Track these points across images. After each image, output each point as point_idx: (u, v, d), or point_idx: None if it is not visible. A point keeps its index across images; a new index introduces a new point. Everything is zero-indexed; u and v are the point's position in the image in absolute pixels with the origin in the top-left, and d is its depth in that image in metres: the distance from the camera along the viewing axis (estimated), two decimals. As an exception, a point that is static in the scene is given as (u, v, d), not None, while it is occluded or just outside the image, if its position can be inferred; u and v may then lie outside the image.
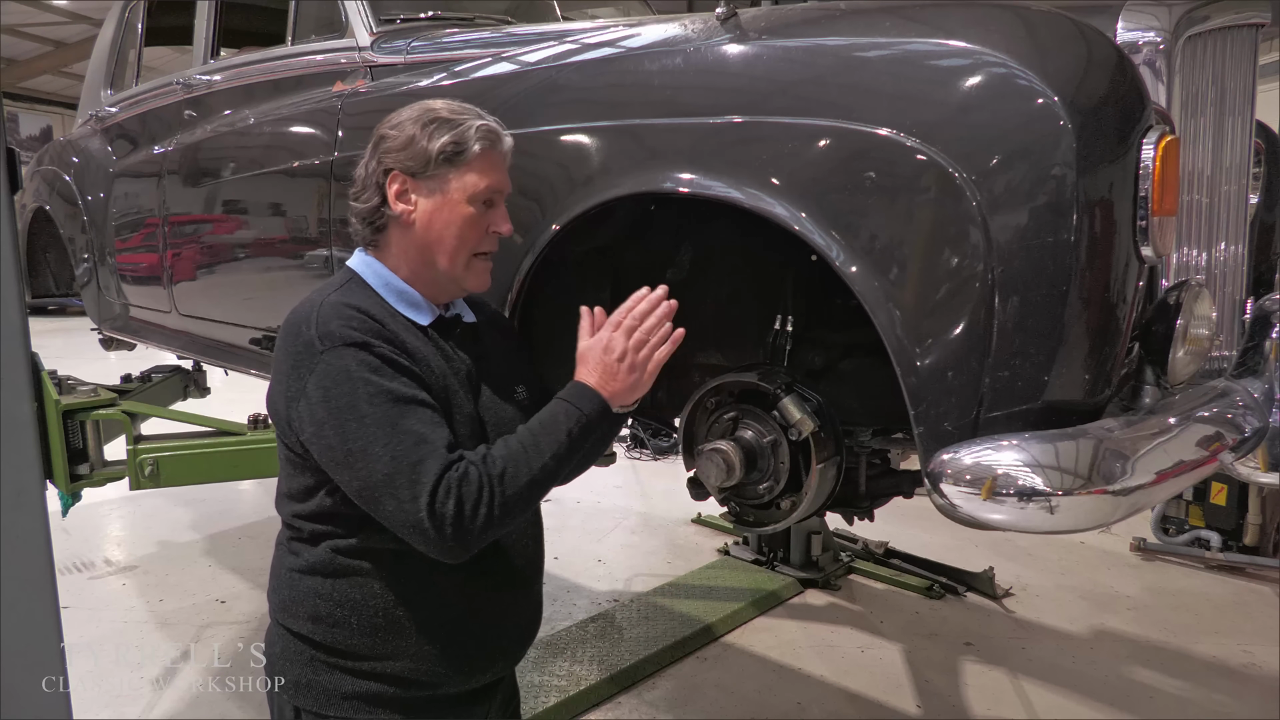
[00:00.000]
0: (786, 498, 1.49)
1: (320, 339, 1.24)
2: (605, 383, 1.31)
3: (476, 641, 1.39)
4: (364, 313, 1.28)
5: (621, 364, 1.31)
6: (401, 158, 1.34)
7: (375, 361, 1.23)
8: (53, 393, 2.65)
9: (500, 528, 1.23)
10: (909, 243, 1.23)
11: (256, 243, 2.65)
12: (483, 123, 1.35)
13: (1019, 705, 3.05)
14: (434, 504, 1.17)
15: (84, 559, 4.36)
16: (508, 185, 1.40)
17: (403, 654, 1.33)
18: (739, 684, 3.19)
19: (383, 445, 1.19)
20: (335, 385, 1.22)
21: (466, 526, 1.18)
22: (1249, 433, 1.34)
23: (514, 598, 1.45)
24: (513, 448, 1.25)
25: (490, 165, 1.36)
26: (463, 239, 1.35)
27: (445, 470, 1.18)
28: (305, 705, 1.36)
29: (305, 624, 1.34)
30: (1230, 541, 4.24)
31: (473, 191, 1.34)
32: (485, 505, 1.19)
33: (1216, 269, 1.61)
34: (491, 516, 1.19)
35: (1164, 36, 1.36)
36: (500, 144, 1.37)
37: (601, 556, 4.48)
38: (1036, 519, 1.09)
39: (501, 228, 1.38)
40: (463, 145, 1.33)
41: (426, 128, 1.33)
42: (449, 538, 1.18)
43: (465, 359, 1.39)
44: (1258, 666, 3.33)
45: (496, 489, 1.20)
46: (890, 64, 1.29)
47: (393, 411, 1.20)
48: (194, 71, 3.11)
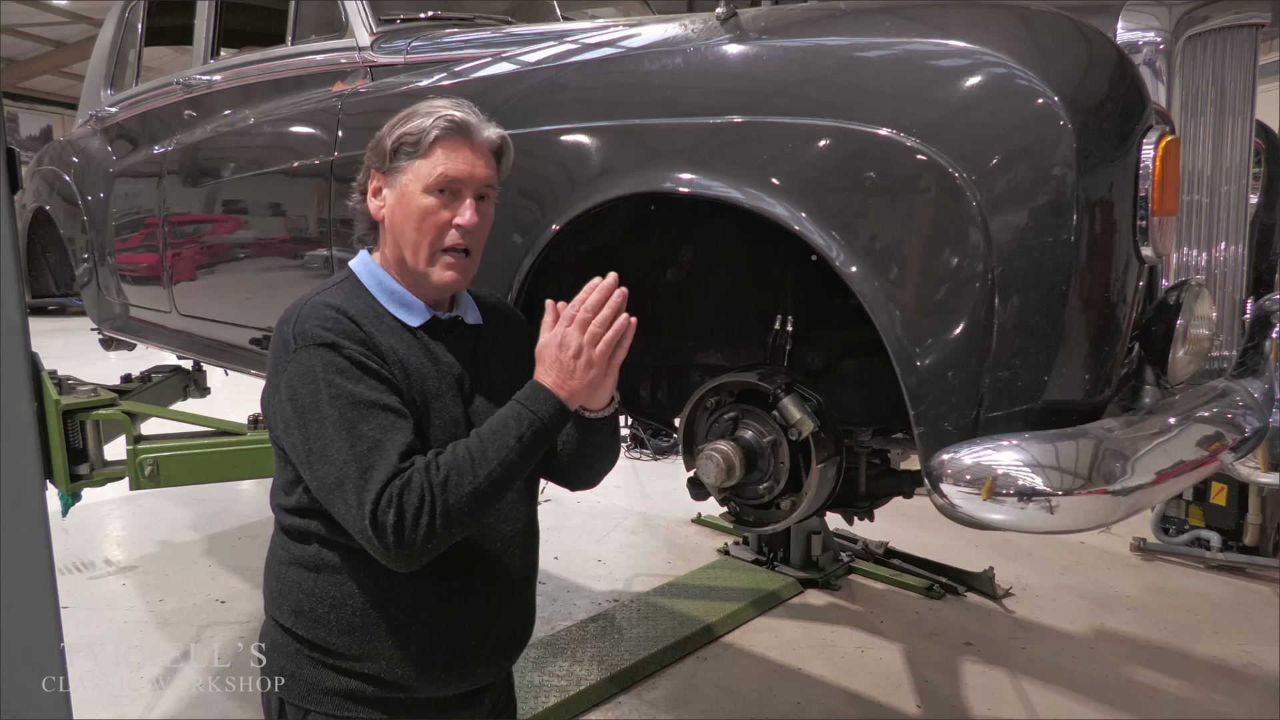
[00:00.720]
0: (786, 498, 1.49)
1: (295, 338, 1.25)
2: (562, 381, 1.26)
3: (454, 648, 1.36)
4: (342, 313, 1.26)
5: (578, 361, 1.25)
6: (372, 155, 1.35)
7: (342, 363, 1.22)
8: (53, 393, 2.65)
9: (447, 537, 1.19)
10: (909, 243, 1.23)
11: (256, 243, 2.65)
12: (448, 112, 1.30)
13: (1019, 705, 3.05)
14: (376, 512, 1.14)
15: (84, 559, 4.36)
16: (480, 176, 1.32)
17: (379, 655, 1.32)
18: (739, 684, 3.19)
19: (337, 448, 1.18)
20: (302, 384, 1.22)
21: (408, 537, 1.15)
22: (1249, 433, 1.34)
23: (498, 606, 1.40)
24: (459, 454, 1.20)
25: (450, 154, 1.29)
26: (420, 231, 1.30)
27: (391, 478, 1.15)
28: (289, 698, 1.36)
29: (289, 617, 1.35)
30: (1230, 541, 4.24)
31: (426, 180, 1.29)
32: (427, 515, 1.15)
33: (1216, 269, 1.61)
34: (434, 527, 1.16)
35: (1164, 36, 1.36)
36: (467, 133, 1.31)
37: (601, 556, 4.48)
38: (1036, 519, 1.09)
39: (460, 218, 1.30)
40: (418, 135, 1.29)
41: (396, 124, 1.32)
42: (391, 547, 1.15)
43: (457, 361, 1.37)
44: (1258, 666, 3.33)
45: (438, 498, 1.16)
46: (890, 64, 1.30)
47: (351, 414, 1.19)
48: (194, 71, 3.11)
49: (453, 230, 1.31)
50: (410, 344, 1.32)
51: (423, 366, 1.32)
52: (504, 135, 1.37)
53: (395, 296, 1.35)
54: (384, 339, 1.29)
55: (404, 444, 1.19)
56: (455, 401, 1.34)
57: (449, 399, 1.33)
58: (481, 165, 1.32)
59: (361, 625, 1.32)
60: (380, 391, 1.22)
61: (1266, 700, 3.10)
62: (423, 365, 1.32)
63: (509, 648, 1.46)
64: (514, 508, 1.42)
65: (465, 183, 1.31)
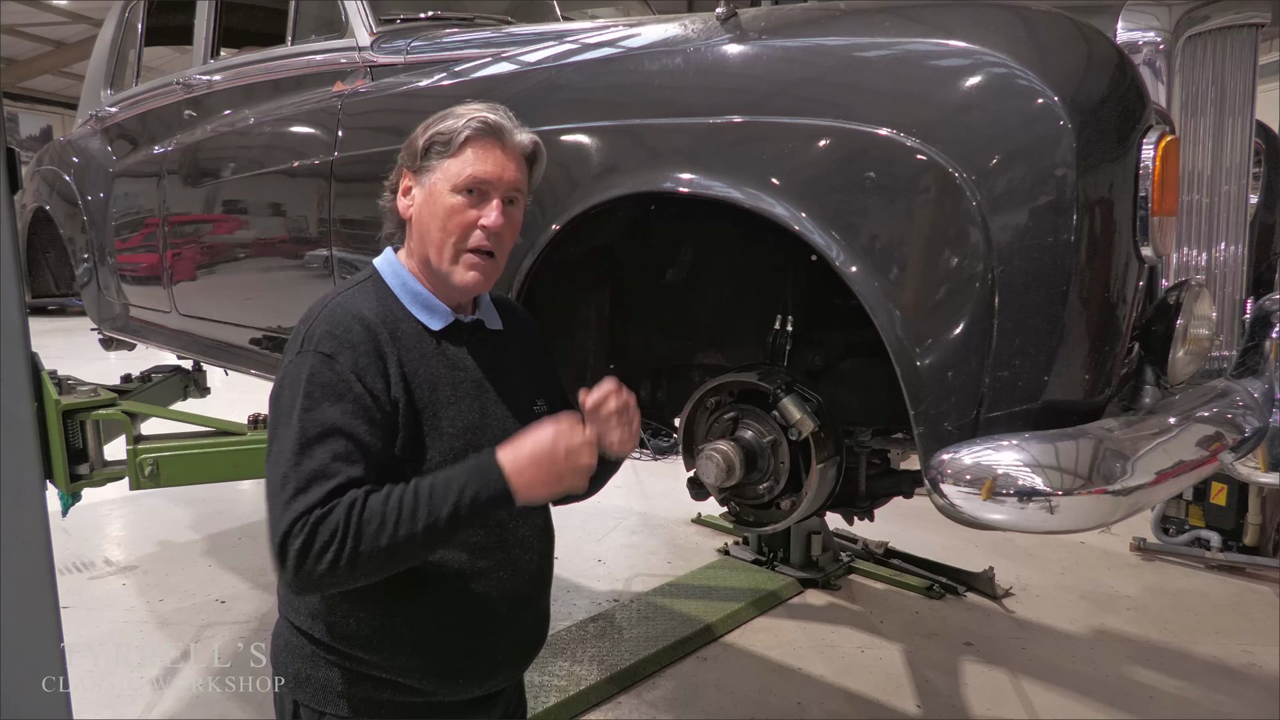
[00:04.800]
0: (786, 498, 1.49)
1: (305, 338, 1.26)
2: (523, 470, 1.19)
3: (471, 654, 1.36)
4: (359, 319, 1.27)
5: (557, 461, 1.19)
6: (405, 155, 1.35)
7: (330, 378, 1.21)
8: (53, 393, 2.65)
9: (350, 580, 1.17)
10: (909, 243, 1.23)
11: (256, 243, 2.65)
12: (481, 114, 1.30)
13: (1019, 705, 3.05)
14: (288, 535, 1.14)
15: (84, 559, 4.35)
16: (509, 179, 1.31)
17: (396, 660, 1.32)
18: (739, 684, 3.19)
19: (286, 460, 1.18)
20: (288, 387, 1.24)
21: (307, 568, 1.13)
22: (1249, 433, 1.34)
23: (515, 612, 1.40)
24: (390, 503, 1.16)
25: (480, 154, 1.29)
26: (445, 229, 1.29)
27: (314, 507, 1.14)
28: (303, 700, 1.36)
29: (305, 619, 1.35)
30: (1230, 541, 4.24)
31: (455, 180, 1.28)
32: (333, 553, 1.13)
33: (1216, 269, 1.61)
34: (337, 566, 1.13)
35: (1164, 36, 1.36)
36: (499, 135, 1.31)
37: (601, 556, 4.48)
38: (1036, 519, 1.09)
39: (486, 218, 1.29)
40: (449, 135, 1.29)
41: (430, 123, 1.33)
42: (288, 571, 1.15)
43: (477, 366, 1.36)
44: (1258, 666, 3.33)
45: (349, 541, 1.13)
46: (890, 64, 1.30)
47: (312, 434, 1.18)
48: (194, 71, 3.11)
49: (478, 231, 1.30)
50: (427, 350, 1.32)
51: (437, 373, 1.31)
52: (537, 141, 1.36)
53: (418, 299, 1.35)
54: (396, 349, 1.28)
55: (348, 477, 1.18)
56: (472, 407, 1.34)
57: (465, 405, 1.33)
58: (511, 168, 1.32)
59: (378, 629, 1.31)
60: (352, 417, 1.20)
61: (1266, 700, 3.10)
62: (437, 372, 1.31)
63: (525, 652, 1.46)
64: (532, 511, 1.40)
65: (494, 184, 1.30)
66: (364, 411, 1.22)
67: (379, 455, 1.22)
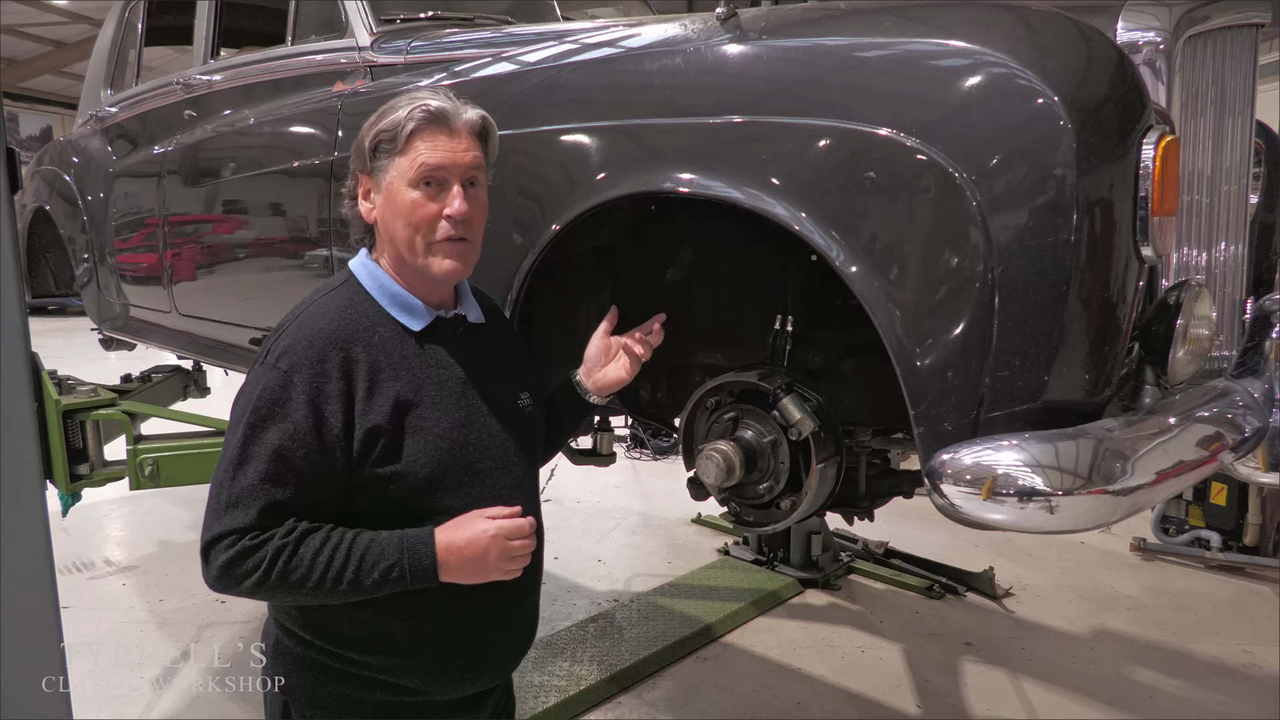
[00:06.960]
0: (786, 498, 1.49)
1: (269, 350, 1.27)
2: (451, 562, 1.25)
3: (463, 653, 1.36)
4: (325, 334, 1.26)
5: (488, 559, 1.26)
6: (355, 159, 1.34)
7: (281, 395, 1.22)
8: (53, 393, 2.66)
9: (264, 599, 1.27)
10: (909, 243, 1.23)
11: (256, 243, 2.65)
12: (422, 102, 1.26)
13: (1019, 705, 3.05)
14: (216, 545, 1.20)
15: (84, 559, 4.36)
16: (464, 162, 1.28)
17: (388, 660, 1.32)
18: (739, 684, 3.19)
19: (224, 468, 1.23)
20: (243, 397, 1.26)
21: (228, 584, 1.21)
22: (1249, 433, 1.34)
23: (506, 612, 1.40)
24: (322, 557, 1.20)
25: (429, 144, 1.26)
26: (412, 226, 1.27)
27: (248, 531, 1.19)
28: (293, 700, 1.36)
29: (296, 621, 1.34)
30: (1230, 541, 4.24)
31: (409, 175, 1.26)
32: (255, 580, 1.19)
33: (1216, 269, 1.61)
34: (255, 591, 1.21)
35: (1164, 36, 1.36)
36: (445, 120, 1.27)
37: (601, 556, 4.47)
38: (1036, 519, 1.09)
39: (449, 207, 1.26)
40: (394, 130, 1.27)
41: (372, 123, 1.31)
42: (211, 577, 1.22)
43: (459, 365, 1.36)
44: (1258, 666, 3.33)
45: (273, 578, 1.19)
46: (890, 64, 1.29)
47: (252, 451, 1.21)
48: (194, 71, 3.11)
49: (444, 222, 1.28)
50: (408, 353, 1.31)
51: (420, 375, 1.31)
52: (484, 115, 1.33)
53: (396, 299, 1.34)
54: (370, 357, 1.27)
55: (275, 500, 1.21)
56: (459, 405, 1.34)
57: (451, 404, 1.33)
58: (464, 150, 1.29)
59: (370, 630, 1.31)
60: (292, 440, 1.21)
61: (1266, 700, 3.10)
62: (420, 373, 1.31)
63: (516, 651, 1.47)
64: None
65: (449, 170, 1.27)
66: (306, 435, 1.22)
67: (316, 480, 1.23)
